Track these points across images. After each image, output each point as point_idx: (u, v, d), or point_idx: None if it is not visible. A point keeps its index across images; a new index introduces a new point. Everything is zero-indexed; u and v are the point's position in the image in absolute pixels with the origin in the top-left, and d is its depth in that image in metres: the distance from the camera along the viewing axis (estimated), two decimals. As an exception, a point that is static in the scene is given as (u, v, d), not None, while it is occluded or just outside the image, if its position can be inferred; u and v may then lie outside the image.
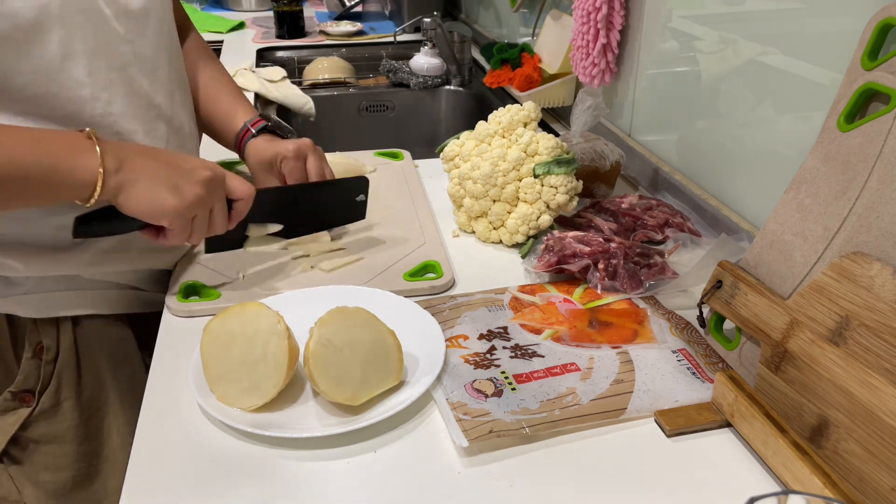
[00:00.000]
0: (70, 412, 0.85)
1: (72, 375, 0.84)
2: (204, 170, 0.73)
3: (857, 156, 0.60)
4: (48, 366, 0.83)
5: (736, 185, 0.96)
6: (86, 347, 0.85)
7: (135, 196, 0.69)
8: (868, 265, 0.56)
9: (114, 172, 0.68)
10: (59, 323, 0.82)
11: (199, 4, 2.52)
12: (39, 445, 0.85)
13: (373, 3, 2.52)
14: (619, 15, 1.13)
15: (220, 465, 0.61)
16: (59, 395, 0.84)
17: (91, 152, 0.67)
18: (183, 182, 0.71)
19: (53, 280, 0.80)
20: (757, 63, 0.89)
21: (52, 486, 0.86)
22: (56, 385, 0.83)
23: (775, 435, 0.58)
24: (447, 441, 0.64)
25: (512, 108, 0.96)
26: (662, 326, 0.78)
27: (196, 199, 0.72)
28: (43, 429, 0.84)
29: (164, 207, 0.70)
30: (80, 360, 0.84)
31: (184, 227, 0.73)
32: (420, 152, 1.29)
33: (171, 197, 0.70)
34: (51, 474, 0.86)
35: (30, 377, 0.83)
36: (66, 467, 0.86)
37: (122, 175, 0.69)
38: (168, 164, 0.72)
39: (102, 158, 0.67)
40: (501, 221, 0.95)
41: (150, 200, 0.70)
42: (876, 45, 0.61)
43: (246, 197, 0.78)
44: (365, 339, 0.66)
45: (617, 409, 0.66)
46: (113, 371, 0.87)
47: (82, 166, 0.67)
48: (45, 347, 0.82)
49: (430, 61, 1.78)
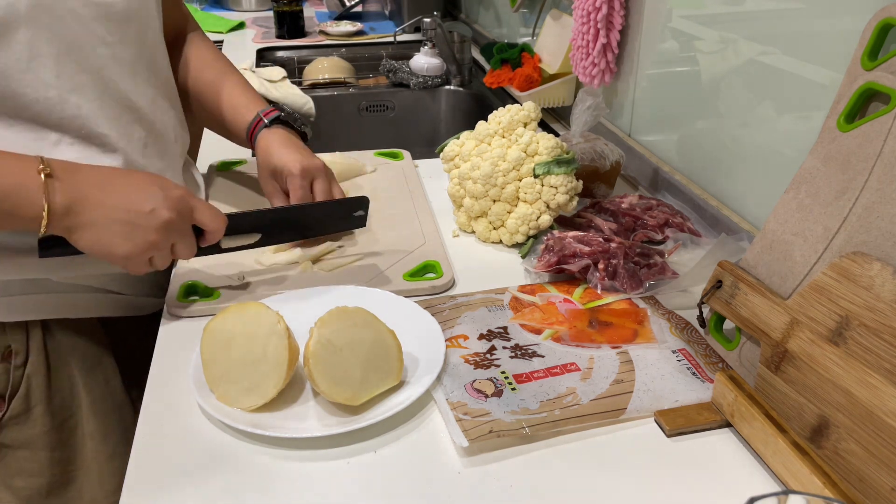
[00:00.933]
0: (41, 417, 0.83)
1: (42, 380, 0.82)
2: (165, 210, 0.70)
3: (857, 156, 0.60)
4: (17, 370, 0.81)
5: (736, 185, 0.96)
6: (56, 352, 0.83)
7: (85, 239, 0.68)
8: (868, 265, 0.56)
9: (62, 214, 0.66)
10: (29, 327, 0.81)
11: (199, 4, 2.52)
12: (11, 450, 0.83)
13: (373, 3, 2.52)
14: (619, 15, 1.13)
15: (220, 465, 0.61)
16: (29, 401, 0.82)
17: (37, 191, 0.65)
18: (138, 226, 0.69)
19: (21, 283, 0.79)
20: (757, 63, 0.89)
21: (26, 492, 0.85)
22: (26, 390, 0.81)
23: (775, 435, 0.58)
24: (447, 441, 0.64)
25: (512, 108, 0.96)
26: (662, 326, 0.78)
27: (149, 245, 0.70)
28: (14, 434, 0.83)
29: (115, 254, 0.69)
30: (51, 364, 0.82)
31: (138, 266, 0.72)
32: (420, 152, 1.29)
33: (123, 243, 0.69)
34: (24, 480, 0.84)
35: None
36: (40, 473, 0.84)
37: (72, 218, 0.67)
38: (126, 202, 0.69)
39: (50, 199, 0.65)
40: (501, 221, 0.95)
41: (101, 246, 0.69)
42: (876, 45, 0.61)
43: (215, 230, 0.76)
44: (365, 339, 0.66)
45: (617, 409, 0.66)
46: (85, 376, 0.85)
47: (28, 205, 0.65)
48: (14, 352, 0.80)
49: (430, 61, 1.78)
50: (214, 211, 0.76)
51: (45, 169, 0.66)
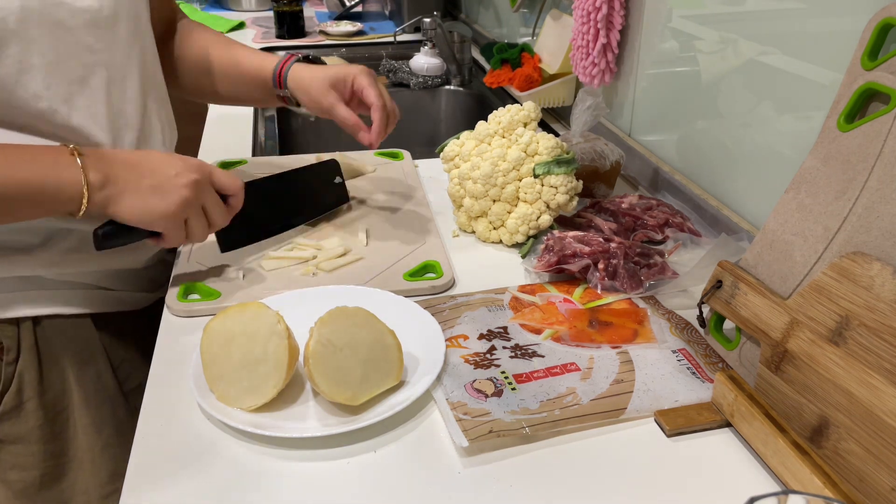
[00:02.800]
0: (34, 412, 0.84)
1: (34, 376, 0.83)
2: (188, 172, 0.74)
3: (857, 156, 0.60)
4: (9, 366, 0.82)
5: (736, 185, 0.96)
6: (47, 347, 0.84)
7: (123, 207, 0.71)
8: (868, 265, 0.56)
9: (99, 188, 0.70)
10: (20, 323, 0.82)
11: (199, 4, 2.53)
12: (4, 445, 0.85)
13: (373, 3, 2.52)
14: (619, 15, 1.13)
15: (219, 465, 0.61)
16: (21, 396, 0.83)
17: (74, 168, 0.68)
18: (168, 188, 0.73)
19: (12, 280, 0.80)
20: (757, 63, 0.89)
21: (20, 485, 0.86)
22: (18, 385, 0.83)
23: (775, 435, 0.58)
24: (447, 441, 0.64)
25: (512, 108, 0.96)
26: (662, 326, 0.78)
27: (183, 201, 0.73)
28: (7, 429, 0.84)
29: (153, 214, 0.72)
30: (42, 360, 0.84)
31: (177, 229, 0.75)
32: (420, 152, 1.29)
33: (159, 203, 0.72)
34: (18, 473, 0.86)
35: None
36: (33, 466, 0.86)
37: (108, 189, 0.70)
38: (152, 171, 0.73)
39: (86, 174, 0.69)
40: (501, 221, 0.95)
41: (139, 210, 0.72)
42: (876, 45, 0.61)
43: (236, 191, 0.80)
44: (365, 339, 0.66)
45: (617, 409, 0.66)
46: (77, 370, 0.86)
47: (67, 183, 0.68)
48: (6, 348, 0.81)
49: (430, 61, 1.78)
50: (230, 174, 0.80)
51: (75, 149, 0.69)
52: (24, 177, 0.67)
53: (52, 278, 0.82)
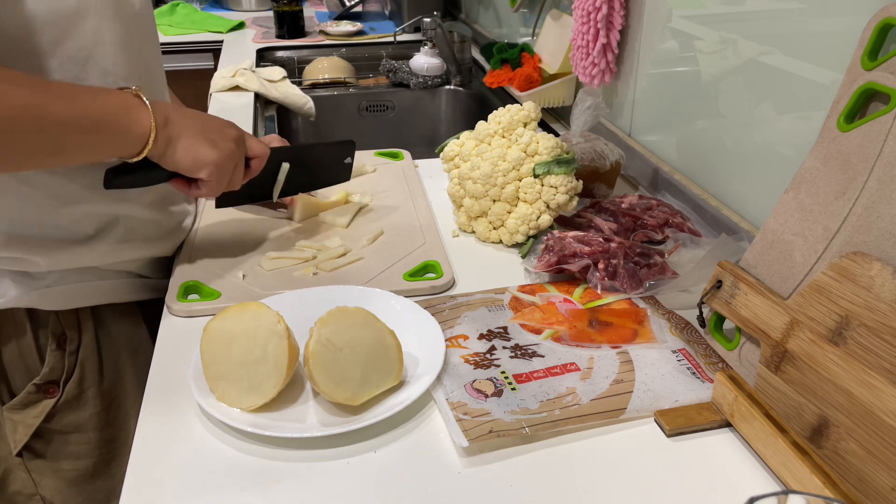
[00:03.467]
0: (93, 400, 0.87)
1: (94, 364, 0.86)
2: (232, 128, 0.81)
3: (857, 156, 0.60)
4: (71, 356, 0.85)
5: (736, 185, 0.96)
6: (105, 336, 0.87)
7: (180, 150, 0.75)
8: (868, 265, 0.56)
9: (163, 125, 0.73)
10: (80, 314, 0.84)
11: (199, 4, 2.53)
12: (64, 435, 0.87)
13: (373, 3, 2.52)
14: (619, 15, 1.13)
15: (219, 465, 0.61)
16: (82, 385, 0.86)
17: (144, 109, 0.72)
18: (219, 138, 0.78)
19: (73, 273, 0.83)
20: (757, 63, 0.89)
21: (72, 474, 0.89)
22: (80, 374, 0.86)
23: (775, 435, 0.58)
24: (447, 441, 0.64)
25: (512, 108, 0.96)
26: (662, 326, 0.78)
27: (230, 153, 0.79)
28: (67, 418, 0.87)
29: (206, 161, 0.77)
30: (101, 348, 0.87)
31: (219, 178, 0.79)
32: (420, 152, 1.29)
33: (210, 151, 0.77)
34: (72, 462, 0.88)
35: (55, 368, 0.84)
36: (88, 454, 0.89)
37: (169, 130, 0.74)
38: (202, 120, 0.78)
39: (153, 114, 0.72)
40: (501, 221, 0.95)
41: (192, 155, 0.76)
42: (876, 45, 0.61)
43: (262, 155, 0.86)
44: (365, 339, 0.66)
45: (617, 409, 0.66)
46: (130, 357, 0.89)
47: (138, 121, 0.71)
48: (69, 338, 0.84)
49: (430, 61, 1.78)
50: (260, 140, 0.87)
51: (137, 91, 0.73)
52: (100, 111, 0.69)
53: (106, 269, 0.85)
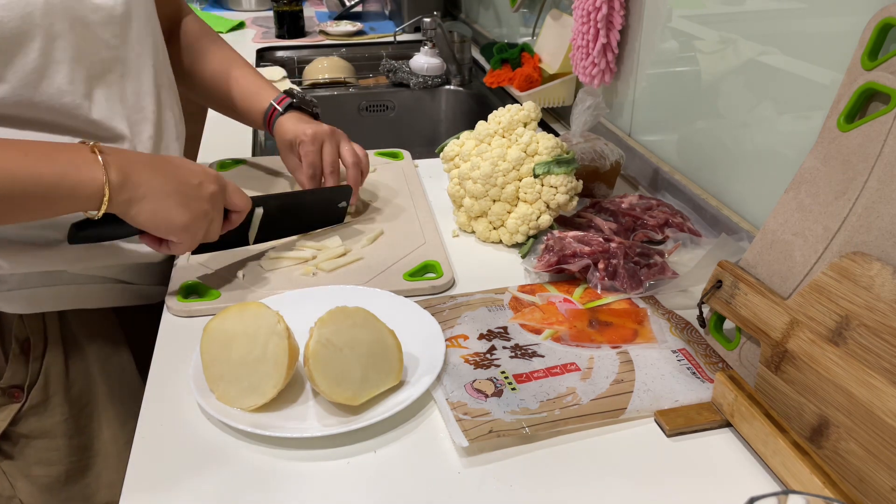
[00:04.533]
0: (59, 407, 0.85)
1: (60, 370, 0.84)
2: (210, 184, 0.75)
3: (857, 156, 0.60)
4: (36, 361, 0.83)
5: (736, 185, 0.96)
6: (73, 342, 0.85)
7: (144, 213, 0.70)
8: (868, 265, 0.56)
9: (119, 187, 0.68)
10: (46, 318, 0.82)
11: (199, 4, 2.53)
12: (30, 440, 0.86)
13: (373, 3, 2.52)
14: (619, 15, 1.13)
15: (219, 465, 0.61)
16: (47, 391, 0.84)
17: (95, 165, 0.66)
18: (190, 198, 0.72)
19: (38, 276, 0.80)
20: (757, 63, 0.89)
21: (45, 479, 0.87)
22: (44, 380, 0.84)
23: (775, 435, 0.58)
24: (447, 441, 0.64)
25: (512, 108, 0.96)
26: (662, 326, 0.78)
27: (203, 214, 0.74)
28: (33, 424, 0.85)
29: (175, 224, 0.72)
30: (68, 354, 0.85)
31: (190, 239, 0.75)
32: (420, 152, 1.29)
33: (180, 214, 0.72)
34: (43, 468, 0.86)
35: (17, 373, 0.83)
36: (58, 461, 0.87)
37: (129, 191, 0.68)
38: (175, 177, 0.72)
39: (107, 172, 0.67)
40: (501, 221, 0.95)
41: (160, 217, 0.71)
42: (876, 44, 0.61)
43: (243, 209, 0.81)
44: (365, 339, 0.66)
45: (617, 409, 0.66)
46: (101, 365, 0.87)
47: (87, 181, 0.66)
48: (33, 343, 0.82)
49: (430, 61, 1.78)
50: (242, 193, 0.81)
51: (96, 147, 0.68)
52: (42, 172, 0.65)
53: (76, 273, 0.83)
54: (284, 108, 0.98)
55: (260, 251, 0.91)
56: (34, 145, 0.68)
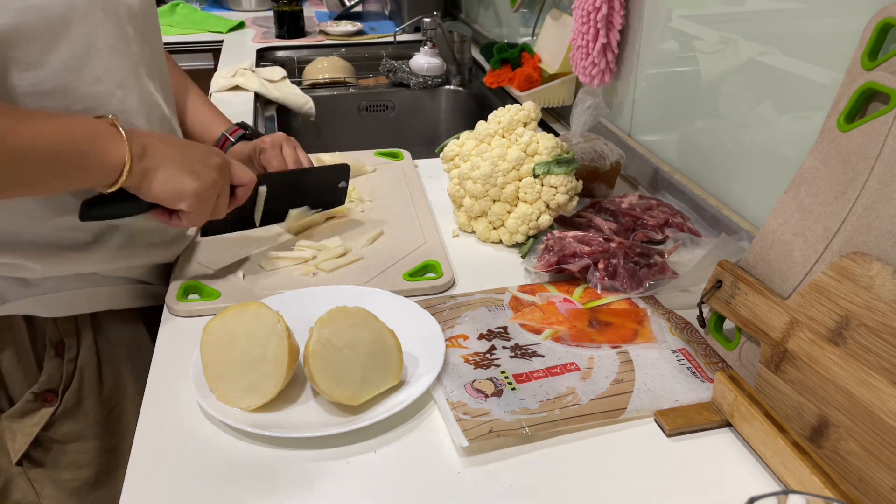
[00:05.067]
0: (92, 409, 0.86)
1: (93, 372, 0.85)
2: (215, 156, 0.77)
3: (857, 156, 0.60)
4: (70, 364, 0.84)
5: (736, 185, 0.96)
6: (104, 343, 0.86)
7: (158, 181, 0.72)
8: (868, 265, 0.56)
9: (139, 158, 0.71)
10: (78, 321, 0.83)
11: (199, 4, 2.52)
12: (62, 444, 0.86)
13: (373, 3, 2.52)
14: (619, 15, 1.13)
15: (220, 465, 0.61)
16: (81, 393, 0.85)
17: (118, 138, 0.69)
18: (200, 167, 0.75)
19: (71, 279, 0.81)
20: (757, 63, 0.89)
21: (73, 483, 0.87)
22: (78, 383, 0.84)
23: (775, 435, 0.58)
24: (447, 441, 0.64)
25: (512, 108, 0.96)
26: (662, 326, 0.78)
27: (212, 183, 0.76)
28: (66, 427, 0.85)
29: (186, 191, 0.74)
30: (101, 356, 0.86)
31: (200, 209, 0.76)
32: (420, 152, 1.29)
33: (191, 181, 0.74)
34: (73, 472, 0.87)
35: (53, 376, 0.83)
36: (88, 464, 0.87)
37: (146, 161, 0.72)
38: (184, 149, 0.75)
39: (129, 144, 0.70)
40: (501, 221, 0.95)
41: (172, 185, 0.73)
42: (876, 44, 0.61)
43: (248, 183, 0.82)
44: (365, 339, 0.66)
45: (617, 409, 0.66)
46: (130, 364, 0.88)
47: (111, 152, 0.69)
48: (67, 346, 0.83)
49: (430, 61, 1.78)
50: (244, 167, 0.83)
51: (114, 121, 0.71)
52: (72, 141, 0.67)
53: (106, 275, 0.84)
54: (237, 139, 1.00)
55: (260, 251, 0.91)
56: (62, 116, 0.71)
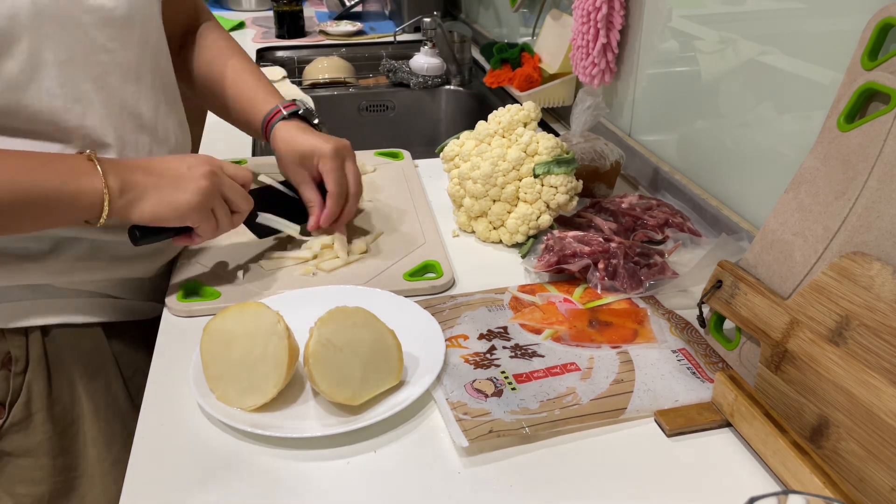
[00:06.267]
0: (42, 425, 0.82)
1: (42, 387, 0.81)
2: (200, 165, 0.75)
3: (857, 155, 0.60)
4: (17, 377, 0.80)
5: (736, 185, 0.96)
6: (56, 358, 0.82)
7: (146, 209, 0.71)
8: (868, 265, 0.56)
9: (119, 194, 0.69)
10: (28, 333, 0.80)
11: (199, 4, 2.52)
12: (13, 458, 0.82)
13: (373, 2, 2.52)
14: (619, 15, 1.13)
15: (220, 465, 0.61)
16: (29, 408, 0.81)
17: (94, 175, 0.67)
18: (185, 181, 0.73)
19: (21, 289, 0.78)
20: (757, 63, 0.89)
21: (28, 499, 0.83)
22: (26, 397, 0.80)
23: (775, 435, 0.58)
24: (447, 441, 0.64)
25: (512, 108, 0.96)
26: (662, 326, 0.78)
27: (203, 190, 0.73)
28: (16, 441, 0.82)
29: (178, 208, 0.72)
30: (51, 370, 0.81)
31: (206, 220, 0.75)
32: (420, 152, 1.29)
33: (179, 197, 0.72)
34: (27, 487, 0.83)
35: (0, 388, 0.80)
36: (42, 481, 0.83)
37: (127, 195, 0.70)
38: (166, 170, 0.73)
39: (105, 179, 0.68)
40: (501, 221, 0.95)
41: (163, 207, 0.72)
42: (876, 44, 0.61)
43: (245, 180, 0.80)
44: (365, 339, 0.66)
45: (617, 409, 0.66)
46: (87, 382, 0.84)
47: (87, 190, 0.67)
48: (14, 358, 0.79)
49: (430, 61, 1.78)
50: (237, 165, 0.81)
51: (91, 155, 0.69)
52: (43, 181, 0.65)
53: (62, 287, 0.81)
54: (290, 113, 0.91)
55: (260, 251, 0.91)
56: (33, 156, 0.68)
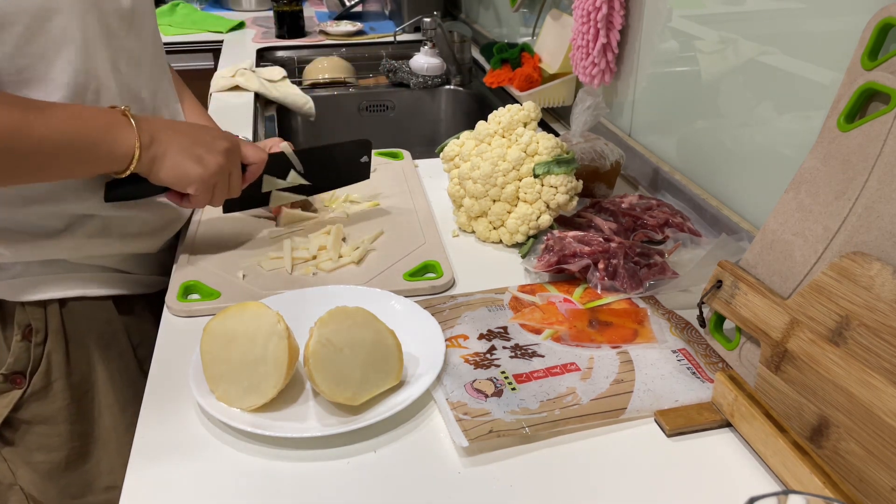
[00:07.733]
0: (61, 392, 0.86)
1: (61, 356, 0.86)
2: (223, 140, 0.81)
3: (857, 155, 0.60)
4: (38, 347, 0.84)
5: (736, 185, 0.96)
6: (73, 328, 0.86)
7: (164, 168, 0.77)
8: (868, 265, 0.56)
9: (147, 147, 0.75)
10: (47, 305, 0.84)
11: (199, 4, 2.52)
12: (32, 426, 0.87)
13: (373, 2, 2.52)
14: (619, 15, 1.13)
15: (219, 464, 0.61)
16: (49, 376, 0.86)
17: (129, 128, 0.73)
18: (206, 153, 0.79)
19: (40, 264, 0.82)
20: (757, 63, 0.89)
21: (45, 466, 0.88)
22: (46, 366, 0.85)
23: (775, 435, 0.58)
24: (447, 441, 0.64)
25: (512, 108, 0.96)
26: (662, 326, 0.78)
27: (218, 168, 0.80)
28: (35, 409, 0.86)
29: (191, 177, 0.78)
30: (69, 341, 0.86)
31: (206, 192, 0.80)
32: (420, 152, 1.29)
33: (196, 167, 0.78)
34: (44, 454, 0.88)
35: (20, 359, 0.84)
36: (59, 447, 0.88)
37: (154, 149, 0.76)
38: (191, 136, 0.79)
39: (139, 133, 0.74)
40: (501, 221, 0.95)
41: (178, 171, 0.77)
42: (876, 44, 0.61)
43: (258, 162, 0.87)
44: (365, 339, 0.66)
45: (617, 409, 0.66)
46: (101, 351, 0.89)
47: (121, 141, 0.73)
48: (35, 329, 0.84)
49: (430, 61, 1.78)
50: (256, 146, 0.88)
51: (126, 111, 0.74)
52: (86, 131, 0.71)
53: (77, 262, 0.85)
54: None
55: (260, 252, 0.91)
56: (79, 108, 0.73)
